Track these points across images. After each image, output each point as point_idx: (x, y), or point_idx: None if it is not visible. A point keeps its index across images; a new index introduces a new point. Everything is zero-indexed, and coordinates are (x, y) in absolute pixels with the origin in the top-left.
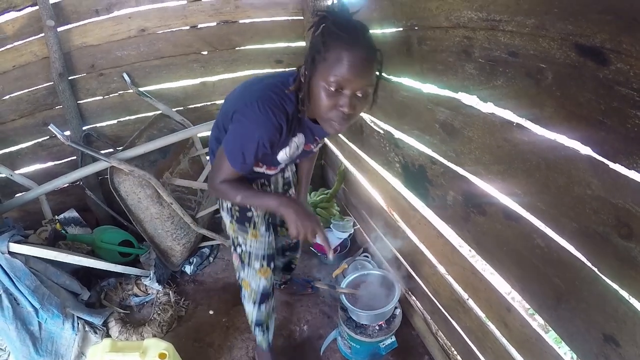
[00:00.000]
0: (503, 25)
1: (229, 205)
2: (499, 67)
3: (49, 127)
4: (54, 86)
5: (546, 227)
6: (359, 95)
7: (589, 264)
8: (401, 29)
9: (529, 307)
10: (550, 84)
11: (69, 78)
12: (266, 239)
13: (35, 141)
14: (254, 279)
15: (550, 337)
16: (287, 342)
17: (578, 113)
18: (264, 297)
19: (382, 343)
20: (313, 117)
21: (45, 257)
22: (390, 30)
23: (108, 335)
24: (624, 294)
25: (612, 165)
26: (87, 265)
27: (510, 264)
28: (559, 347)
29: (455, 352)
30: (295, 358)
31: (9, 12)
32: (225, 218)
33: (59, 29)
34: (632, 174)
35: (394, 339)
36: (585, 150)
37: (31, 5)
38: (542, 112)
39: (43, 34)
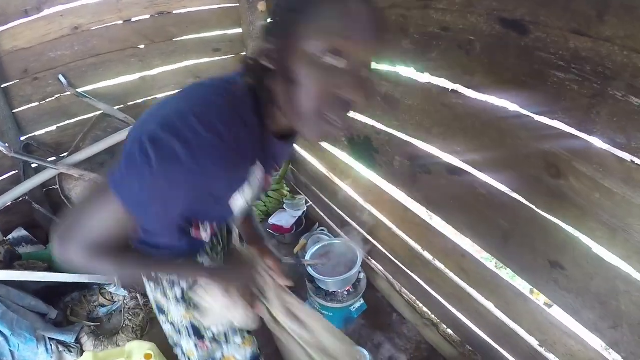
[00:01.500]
0: (435, 3)
1: (179, 291)
2: (432, 41)
3: None
4: None
5: (486, 177)
6: (365, 73)
7: (527, 202)
8: None
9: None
10: (479, 53)
11: (1, 86)
12: None
13: None
14: (238, 352)
15: (503, 273)
16: (261, 320)
17: (505, 77)
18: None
19: (352, 307)
20: (278, 131)
21: (7, 279)
22: None
23: (82, 352)
24: (561, 223)
25: (537, 117)
26: (54, 280)
27: (459, 214)
28: (514, 280)
29: (420, 305)
30: (269, 336)
31: None
32: (175, 311)
33: None
34: (554, 123)
35: (362, 301)
36: (513, 107)
37: None
38: (473, 78)
39: None
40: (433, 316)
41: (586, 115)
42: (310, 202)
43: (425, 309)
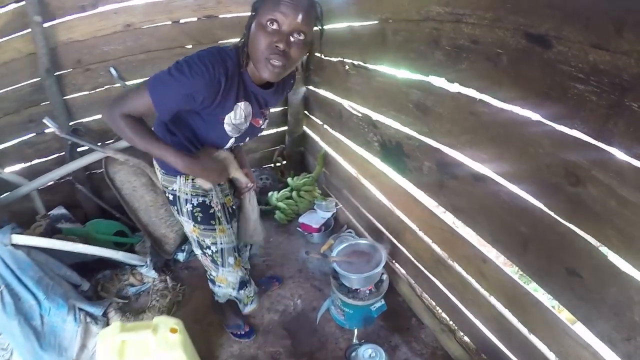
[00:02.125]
0: (466, 18)
1: (190, 207)
2: (463, 53)
3: (44, 120)
4: (40, 82)
5: (509, 184)
6: (297, 37)
7: (547, 210)
8: (377, 22)
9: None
10: (505, 65)
11: (55, 74)
12: (231, 230)
13: (21, 139)
14: (230, 274)
15: (523, 281)
16: (283, 316)
17: (529, 88)
18: (242, 284)
19: (372, 306)
20: (257, 80)
21: (48, 246)
22: (367, 23)
23: (108, 326)
24: (578, 231)
25: (557, 127)
26: (91, 253)
27: (482, 220)
28: (535, 291)
29: (440, 310)
30: (292, 330)
31: None
32: (187, 223)
33: (44, 25)
34: (574, 133)
35: (383, 302)
36: (536, 117)
37: (16, 2)
38: (500, 89)
39: (28, 30)
40: (451, 322)
41: (604, 125)
42: (340, 205)
43: (444, 314)
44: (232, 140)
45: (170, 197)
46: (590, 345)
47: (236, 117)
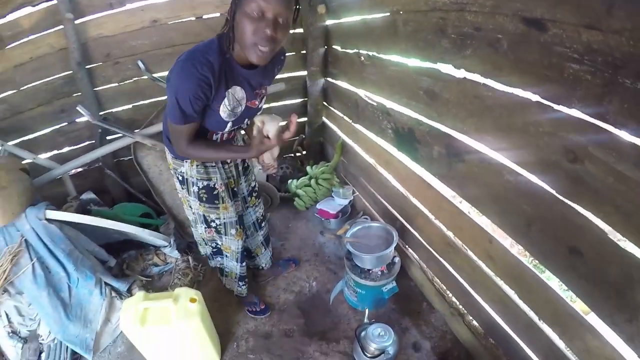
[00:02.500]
0: (469, 7)
1: (196, 189)
2: (467, 40)
3: (78, 108)
4: (72, 75)
5: (512, 164)
6: (280, 21)
7: (549, 188)
8: (388, 13)
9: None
10: (506, 50)
11: (86, 67)
12: (233, 207)
13: (53, 128)
14: (233, 243)
15: (538, 270)
16: (298, 297)
17: (528, 70)
18: (244, 255)
19: (384, 287)
20: (244, 62)
21: (80, 221)
22: (379, 15)
23: None
24: (578, 208)
25: (556, 106)
26: (119, 229)
27: (488, 201)
28: (540, 272)
29: (450, 295)
30: (306, 310)
31: (25, 7)
32: (193, 201)
33: (76, 22)
34: (572, 112)
35: (394, 284)
36: (535, 97)
37: (47, 0)
38: (502, 73)
39: (61, 27)
40: (460, 306)
41: (599, 103)
42: (357, 192)
43: (454, 298)
44: (229, 125)
45: (180, 178)
46: (594, 327)
47: (230, 103)
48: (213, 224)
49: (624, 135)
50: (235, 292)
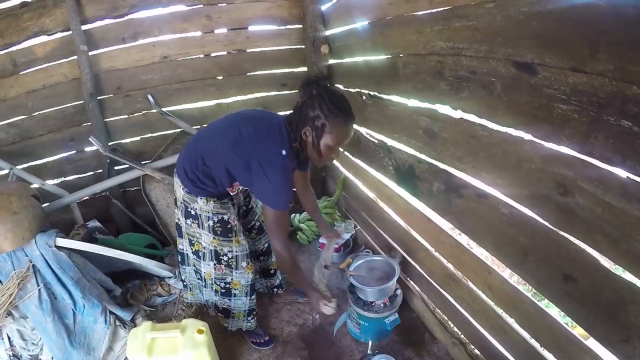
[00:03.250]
0: (464, 51)
1: (211, 223)
2: (463, 83)
3: (90, 138)
4: (84, 105)
5: (507, 198)
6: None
7: (541, 220)
8: (389, 56)
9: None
10: (499, 92)
11: (98, 98)
12: (245, 242)
13: (61, 155)
14: (243, 277)
15: (536, 298)
16: (302, 329)
17: (520, 111)
18: (253, 287)
19: (387, 319)
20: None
21: (89, 250)
22: (380, 56)
23: None
24: (571, 237)
25: (546, 144)
26: (126, 259)
27: (485, 233)
28: (539, 300)
29: (451, 325)
30: (310, 343)
31: (40, 35)
32: (206, 235)
33: (89, 53)
34: (561, 148)
35: (397, 315)
36: (527, 136)
37: (62, 31)
38: (496, 113)
39: (74, 57)
40: (462, 335)
41: (586, 139)
42: (359, 227)
43: (455, 328)
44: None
45: (193, 213)
46: (591, 349)
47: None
48: (225, 259)
49: (610, 168)
50: (243, 329)
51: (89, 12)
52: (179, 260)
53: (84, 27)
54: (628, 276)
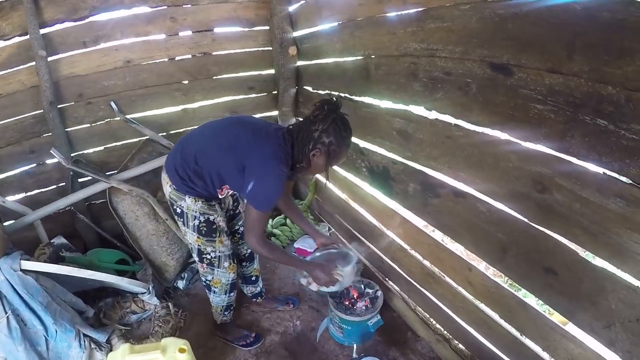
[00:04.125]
0: (439, 52)
1: (197, 222)
2: (438, 84)
3: (51, 151)
4: (44, 114)
5: (485, 197)
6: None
7: (520, 216)
8: (361, 57)
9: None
10: (475, 93)
11: (58, 106)
12: (229, 242)
13: (22, 169)
14: (224, 276)
15: (513, 289)
16: (284, 337)
17: (496, 111)
18: (233, 285)
19: (369, 321)
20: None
21: (57, 272)
22: (352, 58)
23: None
24: (550, 232)
25: (523, 143)
26: (97, 279)
27: (464, 232)
28: (516, 290)
29: (433, 322)
30: (293, 350)
31: None
32: (190, 234)
33: (48, 59)
34: (538, 147)
35: (379, 317)
36: (504, 136)
37: (20, 35)
38: (472, 114)
39: (32, 64)
40: (445, 332)
41: (562, 138)
42: (333, 229)
43: (437, 325)
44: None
45: (178, 211)
46: (575, 337)
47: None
48: (207, 257)
49: (587, 165)
50: (218, 322)
51: (48, 14)
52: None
53: (42, 31)
54: (607, 265)
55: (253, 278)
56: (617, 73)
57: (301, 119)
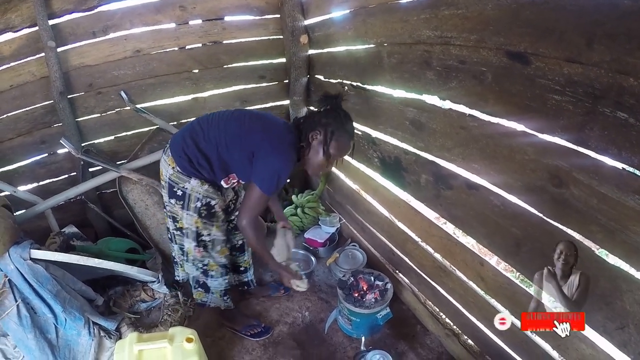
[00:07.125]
0: (453, 40)
1: (199, 204)
2: (452, 73)
3: (61, 141)
4: (54, 105)
5: (499, 190)
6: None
7: (535, 211)
8: (373, 45)
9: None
10: (490, 82)
11: (68, 97)
12: (224, 227)
13: (33, 159)
14: (219, 259)
15: (515, 277)
16: (292, 328)
17: (512, 101)
18: (227, 268)
19: (379, 314)
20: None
21: (66, 261)
22: (364, 46)
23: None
24: (565, 228)
25: (540, 135)
26: (107, 267)
27: (477, 225)
28: (527, 286)
29: (443, 316)
30: (301, 341)
31: (5, 32)
32: (190, 216)
33: (58, 50)
34: (555, 139)
35: (388, 310)
36: (520, 127)
37: (29, 27)
38: (487, 104)
39: (42, 55)
40: (455, 327)
41: (581, 130)
42: (344, 220)
43: (447, 319)
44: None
45: (179, 193)
46: (587, 337)
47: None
48: (203, 240)
49: (606, 159)
50: (222, 307)
51: (57, 5)
52: (169, 237)
53: (51, 22)
54: (623, 265)
55: (242, 268)
56: (639, 64)
57: (312, 109)
